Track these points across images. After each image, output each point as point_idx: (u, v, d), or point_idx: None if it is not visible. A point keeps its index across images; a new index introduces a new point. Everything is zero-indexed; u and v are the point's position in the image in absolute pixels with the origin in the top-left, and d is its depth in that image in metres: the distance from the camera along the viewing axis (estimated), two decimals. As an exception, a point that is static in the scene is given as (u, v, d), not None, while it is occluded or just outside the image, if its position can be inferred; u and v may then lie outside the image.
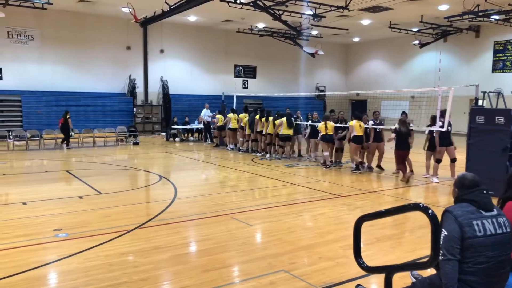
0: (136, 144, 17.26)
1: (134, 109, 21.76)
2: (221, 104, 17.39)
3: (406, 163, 9.78)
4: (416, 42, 23.36)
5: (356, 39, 27.79)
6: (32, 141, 16.24)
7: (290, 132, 12.62)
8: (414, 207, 2.81)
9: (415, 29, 22.47)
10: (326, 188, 8.83)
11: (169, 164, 12.55)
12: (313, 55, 24.04)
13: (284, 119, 12.62)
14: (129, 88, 22.05)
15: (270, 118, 13.33)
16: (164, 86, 22.92)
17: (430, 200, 7.94)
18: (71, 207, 6.96)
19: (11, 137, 16.12)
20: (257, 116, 13.83)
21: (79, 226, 5.86)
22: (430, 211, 2.67)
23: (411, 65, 26.27)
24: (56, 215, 6.47)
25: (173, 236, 5.48)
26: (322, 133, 11.37)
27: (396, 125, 9.78)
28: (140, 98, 22.69)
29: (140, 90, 22.68)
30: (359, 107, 26.67)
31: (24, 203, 7.18)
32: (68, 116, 15.82)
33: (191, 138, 19.87)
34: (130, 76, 22.13)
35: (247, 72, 26.29)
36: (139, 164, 12.28)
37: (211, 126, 17.61)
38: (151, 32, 22.68)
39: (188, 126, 19.90)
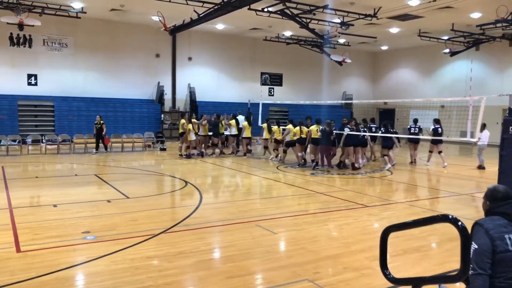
0: (163, 150, 17.52)
1: (162, 115, 22.14)
2: (247, 111, 17.49)
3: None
4: (447, 50, 22.89)
5: (384, 47, 27.47)
6: (63, 145, 16.73)
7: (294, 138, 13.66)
8: (443, 218, 2.75)
9: (446, 38, 22.03)
10: (351, 197, 8.73)
11: (195, 170, 12.67)
12: (340, 63, 23.89)
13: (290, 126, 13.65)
14: (157, 95, 22.45)
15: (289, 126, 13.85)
16: (192, 93, 23.23)
17: (459, 212, 7.73)
18: (99, 210, 7.12)
19: (43, 141, 16.68)
20: (289, 126, 13.92)
21: (107, 229, 5.99)
22: (459, 223, 2.60)
23: (441, 74, 25.73)
24: (85, 218, 6.64)
25: (197, 241, 5.53)
26: (297, 136, 13.05)
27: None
28: (168, 104, 23.06)
29: (168, 96, 23.05)
30: (387, 116, 26.30)
31: (55, 206, 7.39)
32: (102, 122, 16.10)
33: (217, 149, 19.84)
34: (159, 83, 22.55)
35: (274, 80, 26.36)
36: (165, 170, 12.46)
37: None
38: (180, 40, 23.09)
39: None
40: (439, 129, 13.90)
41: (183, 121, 14.98)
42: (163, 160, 14.49)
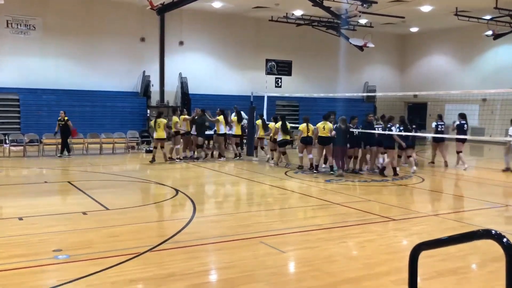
0: (149, 152, 17.55)
1: (148, 111, 22.23)
2: (249, 106, 17.48)
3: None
4: (489, 32, 22.81)
5: (414, 29, 27.43)
6: (30, 146, 16.79)
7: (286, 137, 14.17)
8: (485, 234, 2.74)
9: (488, 17, 21.97)
10: (375, 209, 8.72)
11: (188, 176, 12.68)
12: (361, 48, 23.87)
13: (279, 123, 14.06)
14: (142, 87, 22.57)
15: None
16: (183, 84, 23.33)
17: (504, 227, 7.71)
18: (73, 224, 7.14)
19: (7, 141, 16.74)
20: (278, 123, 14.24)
21: (82, 246, 6.01)
22: (504, 239, 2.60)
23: (483, 61, 25.68)
24: (56, 233, 6.66)
25: (190, 261, 5.54)
26: (304, 135, 13.33)
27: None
28: (155, 98, 23.17)
29: (155, 89, 23.17)
30: (417, 112, 26.27)
31: (20, 219, 7.42)
32: (66, 118, 16.00)
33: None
34: (144, 72, 22.65)
35: (281, 69, 26.41)
36: (152, 176, 12.48)
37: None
38: (169, 21, 23.18)
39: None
40: (465, 126, 13.98)
41: (175, 118, 15.00)
42: (149, 165, 14.53)
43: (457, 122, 14.29)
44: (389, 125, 12.80)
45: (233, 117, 15.94)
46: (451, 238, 3.08)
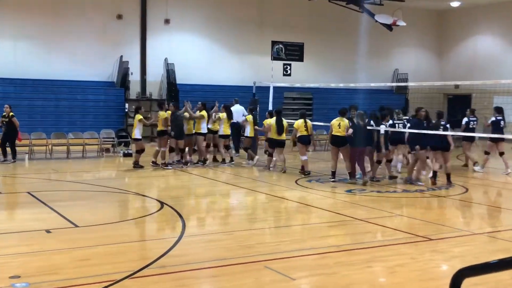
0: (128, 155, 17.59)
1: (127, 105, 22.26)
2: (251, 98, 17.54)
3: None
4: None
5: (455, 4, 27.40)
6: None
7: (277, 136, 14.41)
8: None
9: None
10: (408, 226, 8.70)
11: (175, 185, 12.68)
12: (389, 27, 23.86)
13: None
14: (119, 75, 22.63)
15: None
16: (170, 73, 23.38)
17: None
18: (34, 244, 7.14)
19: None
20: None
21: (46, 272, 6.00)
22: None
23: (540, 43, 25.62)
24: (13, 255, 6.65)
25: (179, 291, 5.54)
26: (301, 133, 13.71)
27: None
28: (135, 89, 23.24)
29: (135, 78, 23.25)
30: (458, 105, 26.19)
31: (-31, 238, 7.44)
32: (12, 114, 15.72)
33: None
34: (121, 57, 22.71)
35: (291, 53, 26.28)
36: (131, 185, 12.47)
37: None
38: (152, -6, 23.27)
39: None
40: (502, 122, 14.02)
41: (162, 113, 15.05)
42: (128, 171, 14.53)
43: (492, 118, 14.32)
44: (442, 123, 12.64)
45: (221, 113, 15.82)
46: (501, 262, 3.07)
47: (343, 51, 27.07)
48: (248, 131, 16.01)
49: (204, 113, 15.27)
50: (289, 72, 26.13)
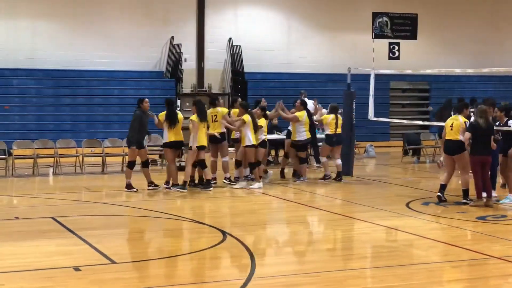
0: (181, 169, 17.59)
1: (179, 101, 22.44)
2: (344, 91, 17.34)
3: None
4: None
5: None
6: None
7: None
8: None
9: None
10: None
11: (242, 210, 12.70)
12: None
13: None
14: (169, 63, 22.97)
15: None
16: (235, 58, 23.55)
17: None
18: (59, 286, 7.27)
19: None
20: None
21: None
22: None
23: None
24: (31, 300, 6.82)
25: None
26: (330, 131, 14.69)
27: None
28: (189, 80, 23.54)
29: (189, 65, 23.52)
30: None
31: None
32: None
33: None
34: (172, 39, 23.04)
35: (399, 28, 25.98)
36: (184, 208, 12.59)
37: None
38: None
39: (279, 136, 19.70)
40: None
41: (236, 111, 15.06)
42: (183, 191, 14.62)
43: None
44: None
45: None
46: None
47: (473, 25, 26.51)
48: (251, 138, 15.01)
49: (247, 117, 15.00)
50: (397, 54, 25.82)
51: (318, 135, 17.21)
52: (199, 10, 23.64)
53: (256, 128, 14.43)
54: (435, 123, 17.30)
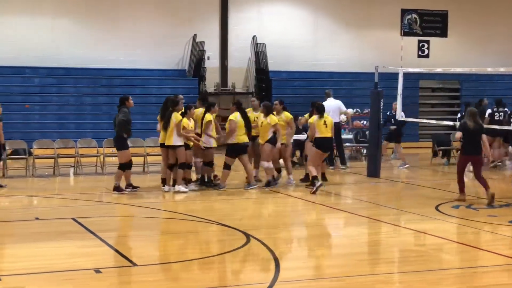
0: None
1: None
2: (372, 90, 17.26)
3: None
4: None
5: None
6: (13, 161, 17.49)
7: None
8: None
9: None
10: None
11: (266, 212, 12.70)
12: None
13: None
14: (192, 61, 23.05)
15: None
16: (259, 56, 23.55)
17: None
18: (79, 288, 7.31)
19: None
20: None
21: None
22: None
23: None
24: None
25: None
26: (318, 134, 13.99)
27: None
28: (213, 79, 23.56)
29: (213, 64, 23.56)
30: None
31: (-6, 278, 7.68)
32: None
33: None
34: (195, 37, 23.13)
35: (429, 25, 25.88)
36: (207, 210, 12.59)
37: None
38: None
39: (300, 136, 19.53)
40: None
41: (258, 115, 15.07)
42: (204, 192, 14.62)
43: None
44: None
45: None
46: None
47: (506, 22, 26.37)
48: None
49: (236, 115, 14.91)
50: (426, 52, 25.69)
51: (344, 136, 17.21)
52: (223, 7, 23.72)
53: (250, 126, 14.51)
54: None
